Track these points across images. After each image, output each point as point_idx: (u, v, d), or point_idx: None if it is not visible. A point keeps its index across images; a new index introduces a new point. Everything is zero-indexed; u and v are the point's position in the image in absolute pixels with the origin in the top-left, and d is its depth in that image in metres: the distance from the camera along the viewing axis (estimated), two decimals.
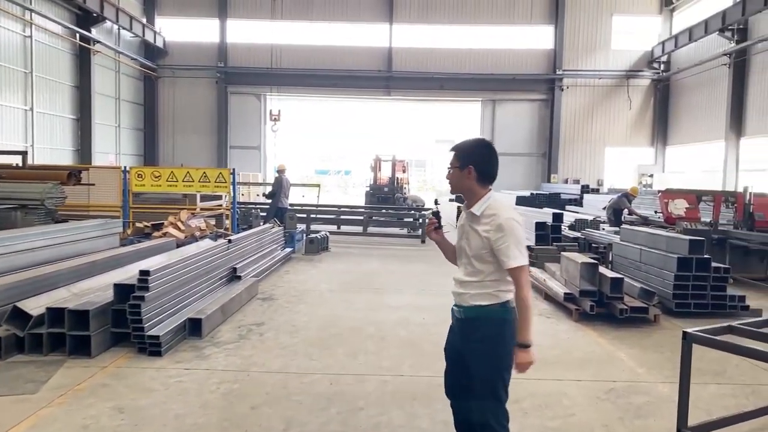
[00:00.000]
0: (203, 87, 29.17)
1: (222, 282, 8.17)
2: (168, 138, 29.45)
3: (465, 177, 3.12)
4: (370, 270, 11.03)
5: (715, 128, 24.52)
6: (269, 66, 27.95)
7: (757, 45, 22.09)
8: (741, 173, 23.33)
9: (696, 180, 26.44)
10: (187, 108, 29.30)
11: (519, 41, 28.63)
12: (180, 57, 28.99)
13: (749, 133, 22.81)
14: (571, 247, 10.37)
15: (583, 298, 7.45)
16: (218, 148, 29.10)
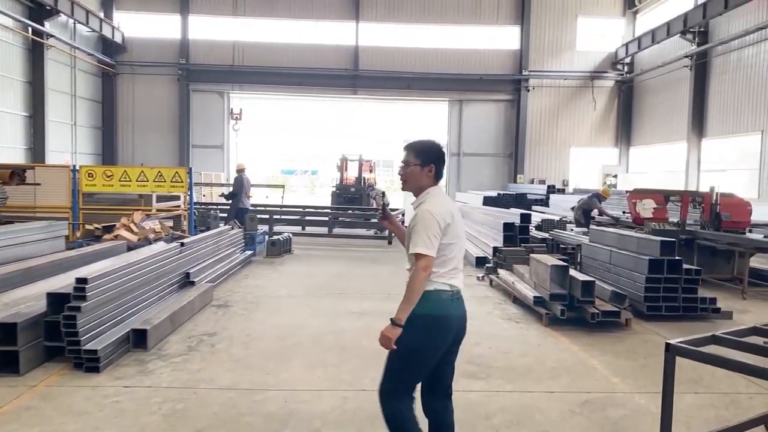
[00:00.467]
0: (164, 84, 28.25)
1: (173, 288, 7.63)
2: (127, 137, 28.44)
3: (425, 175, 3.25)
4: (335, 273, 10.59)
5: (678, 129, 24.76)
6: (232, 63, 27.22)
7: (718, 47, 22.36)
8: (702, 174, 23.63)
9: (658, 180, 26.70)
10: (147, 106, 28.34)
11: (486, 41, 28.50)
12: (140, 53, 28.01)
13: (710, 134, 23.08)
14: (540, 248, 10.10)
15: (553, 302, 7.14)
16: (180, 148, 28.21)
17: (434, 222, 3.06)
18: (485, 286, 9.72)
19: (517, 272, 9.05)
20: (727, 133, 22.12)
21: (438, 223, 3.06)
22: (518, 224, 11.07)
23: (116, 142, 28.28)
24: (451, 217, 3.14)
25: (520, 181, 28.20)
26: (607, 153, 29.13)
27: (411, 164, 3.26)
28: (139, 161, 26.86)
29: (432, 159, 3.25)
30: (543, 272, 7.42)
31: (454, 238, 3.15)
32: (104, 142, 28.06)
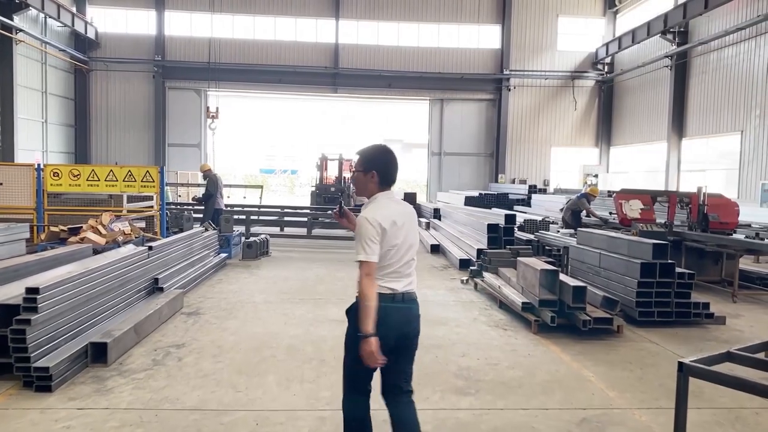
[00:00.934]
0: (139, 81, 27.51)
1: (140, 296, 7.12)
2: (101, 135, 27.64)
3: (369, 181, 3.27)
4: (314, 277, 10.13)
5: (658, 129, 24.74)
6: (210, 60, 26.54)
7: (698, 47, 22.33)
8: (682, 173, 23.60)
9: (638, 180, 26.67)
10: (121, 103, 27.59)
11: (467, 40, 28.25)
12: (114, 49, 27.24)
13: (690, 134, 23.06)
14: (525, 250, 9.75)
15: (543, 309, 6.78)
16: (156, 146, 27.50)
17: (370, 228, 3.08)
18: (470, 290, 9.34)
19: (503, 276, 8.69)
20: (707, 133, 22.09)
21: (374, 228, 3.08)
22: (503, 225, 10.72)
23: (90, 140, 27.48)
24: (392, 223, 3.14)
25: (501, 181, 27.99)
26: (588, 153, 29.04)
27: (356, 171, 3.33)
28: (113, 160, 26.14)
29: (374, 165, 3.26)
30: (532, 277, 7.05)
31: (393, 243, 3.15)
32: (77, 140, 27.25)
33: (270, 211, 16.31)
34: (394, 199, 3.31)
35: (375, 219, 3.10)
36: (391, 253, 3.15)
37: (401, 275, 3.22)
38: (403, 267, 3.23)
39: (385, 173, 3.26)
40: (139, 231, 11.16)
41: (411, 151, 47.67)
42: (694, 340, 6.75)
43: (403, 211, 3.26)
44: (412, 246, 3.28)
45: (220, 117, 24.75)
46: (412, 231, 3.31)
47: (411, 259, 3.28)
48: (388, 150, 3.35)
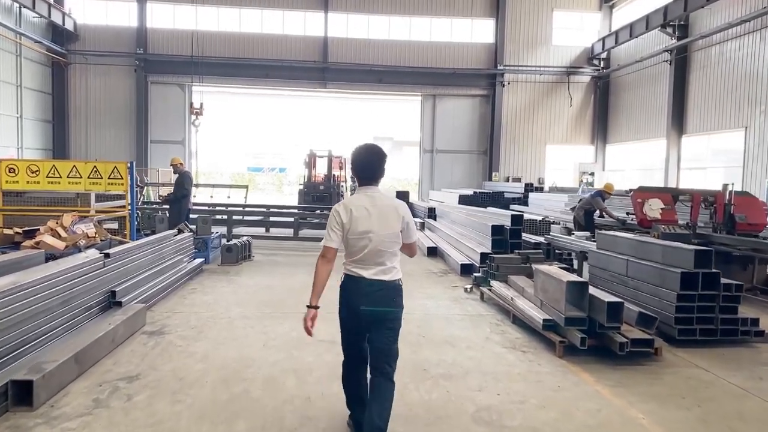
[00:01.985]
0: (120, 75, 26.09)
1: (91, 313, 5.93)
2: (80, 131, 26.20)
3: (355, 178, 3.74)
4: (300, 284, 8.95)
5: (656, 126, 23.78)
6: (194, 54, 25.21)
7: (698, 41, 21.36)
8: (682, 171, 22.66)
9: (635, 178, 25.72)
10: (102, 98, 26.16)
11: (460, 34, 27.13)
12: (94, 42, 25.80)
13: (690, 131, 22.10)
14: (536, 255, 8.64)
15: (569, 328, 5.67)
16: (138, 143, 26.10)
17: (332, 218, 3.55)
18: (475, 300, 8.20)
19: (514, 285, 7.57)
20: (709, 130, 21.13)
21: (335, 218, 3.52)
22: (509, 227, 9.60)
23: (68, 136, 26.03)
24: (348, 213, 3.49)
25: (495, 180, 26.92)
26: (583, 151, 28.04)
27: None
28: (93, 157, 24.71)
29: (353, 164, 3.66)
30: (555, 290, 5.93)
31: (349, 233, 3.50)
32: (55, 136, 25.78)
33: (254, 211, 15.08)
34: (368, 193, 3.57)
35: (338, 212, 3.54)
36: (354, 242, 3.51)
37: (365, 263, 3.53)
38: (362, 254, 3.51)
39: (359, 170, 3.63)
40: (106, 234, 9.93)
41: (402, 150, 46.57)
42: (746, 363, 5.67)
43: (368, 205, 3.51)
44: (377, 239, 3.48)
45: (205, 113, 23.52)
46: (378, 227, 3.49)
47: (376, 251, 3.49)
48: (364, 148, 3.65)
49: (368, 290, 3.55)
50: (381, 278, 3.54)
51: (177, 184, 11.44)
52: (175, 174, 11.62)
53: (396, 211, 3.58)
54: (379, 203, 3.54)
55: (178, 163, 11.62)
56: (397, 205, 3.61)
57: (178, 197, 11.28)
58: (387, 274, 3.56)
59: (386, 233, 3.51)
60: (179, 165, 11.58)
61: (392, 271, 3.58)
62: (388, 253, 3.54)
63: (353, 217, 3.49)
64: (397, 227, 3.55)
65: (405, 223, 3.59)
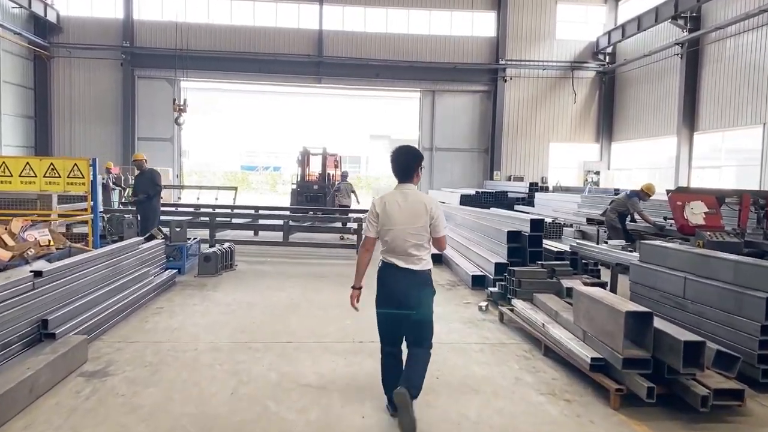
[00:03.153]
0: (106, 69, 24.61)
1: (11, 351, 4.54)
2: (64, 128, 24.72)
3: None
4: (286, 302, 7.56)
5: (666, 123, 22.47)
6: (181, 47, 23.76)
7: (712, 33, 20.04)
8: (694, 170, 21.35)
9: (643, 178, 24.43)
10: (87, 93, 24.69)
11: (460, 28, 25.74)
12: (78, 34, 24.32)
13: (702, 128, 20.78)
14: (563, 268, 7.28)
15: (629, 371, 4.30)
16: (124, 140, 24.63)
17: (370, 212, 4.03)
18: (493, 322, 6.82)
19: (543, 307, 6.20)
20: (723, 127, 19.80)
21: (372, 211, 3.99)
22: (528, 233, 8.22)
23: (51, 133, 24.56)
24: (383, 207, 3.91)
25: (497, 179, 25.58)
26: (588, 149, 26.70)
27: None
28: (78, 155, 23.25)
29: (390, 164, 4.08)
30: (607, 320, 4.56)
31: (383, 225, 3.90)
32: (37, 133, 24.32)
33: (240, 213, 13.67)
34: (402, 191, 3.95)
35: (372, 203, 4.05)
36: (383, 233, 3.91)
37: (393, 253, 3.89)
38: (394, 245, 3.87)
39: (396, 169, 4.05)
40: (64, 241, 8.51)
41: None
42: None
43: (400, 201, 3.89)
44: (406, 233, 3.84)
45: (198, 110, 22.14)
46: (407, 221, 3.84)
47: (405, 242, 3.83)
48: (401, 150, 4.07)
49: (401, 278, 3.85)
50: (411, 267, 3.84)
51: (143, 182, 9.99)
52: (139, 171, 10.18)
53: (425, 206, 3.88)
54: (411, 199, 3.88)
55: (142, 159, 10.18)
56: (426, 201, 3.92)
57: (150, 197, 9.83)
58: (417, 264, 3.86)
59: (414, 227, 3.84)
60: (143, 161, 10.12)
61: (421, 261, 3.88)
62: (416, 245, 3.84)
63: (386, 210, 3.88)
64: (425, 222, 3.84)
65: (433, 218, 3.87)
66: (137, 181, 10.23)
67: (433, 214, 3.87)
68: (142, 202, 9.87)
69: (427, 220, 3.86)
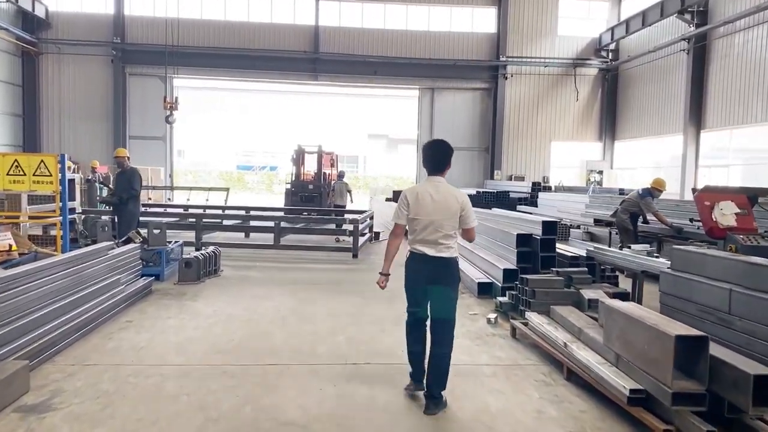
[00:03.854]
0: (96, 66, 23.74)
1: None
2: (53, 126, 23.85)
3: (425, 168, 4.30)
4: (272, 314, 6.73)
5: (671, 121, 21.69)
6: (172, 42, 22.92)
7: (719, 29, 19.26)
8: (700, 169, 20.56)
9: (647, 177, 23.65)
10: (76, 91, 23.82)
11: (460, 24, 24.91)
12: (67, 30, 23.44)
13: (710, 126, 19.99)
14: (581, 275, 6.46)
15: (680, 408, 3.49)
16: (115, 139, 23.74)
17: (402, 200, 4.13)
18: (505, 337, 6.00)
19: (562, 321, 5.39)
20: (731, 124, 19.01)
21: (404, 200, 4.11)
22: (539, 237, 7.41)
23: (40, 131, 23.68)
24: (415, 197, 4.05)
25: (498, 178, 24.77)
26: (590, 148, 25.89)
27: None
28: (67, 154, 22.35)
29: (422, 157, 4.29)
30: (650, 345, 3.75)
31: (414, 215, 4.04)
32: (25, 131, 23.44)
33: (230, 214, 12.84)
34: (433, 183, 4.10)
35: (404, 192, 4.17)
36: (414, 222, 4.06)
37: (423, 241, 4.03)
38: (426, 234, 4.02)
39: (428, 162, 4.20)
40: (30, 245, 7.69)
41: (397, 148, 44.41)
42: None
43: (432, 192, 4.04)
44: (437, 222, 4.00)
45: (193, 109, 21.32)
46: (439, 211, 4.01)
47: (436, 231, 3.99)
48: (431, 144, 4.26)
49: (430, 266, 4.03)
50: (441, 255, 4.03)
51: (122, 181, 9.14)
52: (119, 169, 9.34)
53: (456, 199, 4.07)
54: (442, 191, 4.06)
55: (123, 156, 9.33)
56: (456, 194, 4.10)
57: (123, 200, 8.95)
58: (445, 252, 4.04)
59: (444, 217, 4.02)
60: (125, 159, 9.28)
61: (449, 249, 4.06)
62: (446, 235, 4.03)
63: (418, 200, 4.05)
64: (456, 213, 4.04)
65: (464, 210, 4.07)
66: (117, 179, 9.39)
67: (464, 206, 4.07)
68: (116, 205, 9.02)
69: (458, 211, 4.04)
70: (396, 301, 7.36)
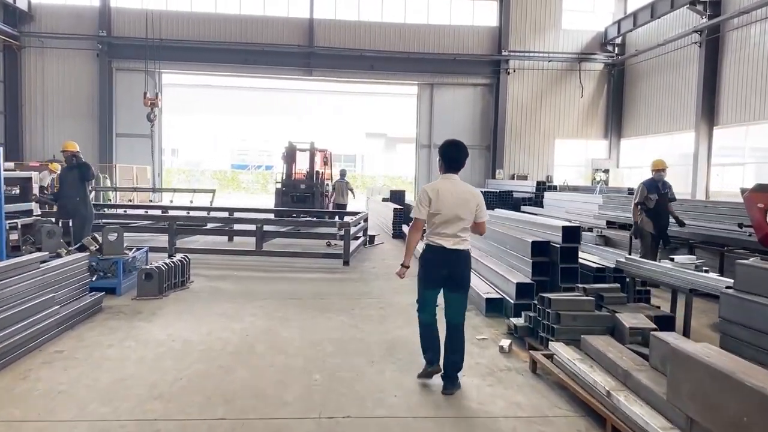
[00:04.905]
0: (81, 61, 22.56)
1: None
2: (36, 123, 22.66)
3: (439, 166, 4.45)
4: (237, 340, 5.49)
5: (682, 117, 20.49)
6: (164, 37, 21.73)
7: (734, 20, 18.04)
8: (713, 168, 19.34)
9: None
10: (61, 86, 22.63)
11: (460, 17, 23.74)
12: (50, 23, 22.26)
13: (723, 122, 18.78)
14: (612, 294, 5.25)
15: None
16: (101, 137, 22.56)
17: (423, 196, 4.28)
18: (522, 372, 4.77)
19: (597, 356, 4.17)
20: (747, 120, 17.80)
21: (425, 196, 4.25)
22: (560, 245, 6.20)
23: (22, 129, 22.51)
24: (436, 194, 4.21)
25: (499, 177, 23.58)
26: (595, 146, 24.71)
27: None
28: (50, 152, 21.26)
29: (440, 154, 4.44)
30: (756, 416, 2.53)
31: (435, 210, 4.19)
32: (7, 129, 22.26)
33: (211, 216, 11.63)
34: (450, 180, 4.30)
35: (425, 190, 4.28)
36: (434, 217, 4.22)
37: (443, 235, 4.21)
38: (445, 228, 4.20)
39: (446, 161, 4.35)
40: None
41: (395, 147, 43.22)
42: None
43: (451, 189, 4.23)
44: (457, 217, 4.19)
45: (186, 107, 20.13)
46: (458, 207, 4.19)
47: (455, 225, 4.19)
48: (450, 143, 4.43)
49: (447, 257, 4.21)
50: (457, 248, 4.21)
51: (70, 179, 7.91)
52: (68, 164, 8.10)
53: (472, 195, 4.30)
54: (460, 188, 4.27)
55: (72, 149, 8.08)
56: (473, 190, 4.36)
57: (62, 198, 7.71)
58: (461, 245, 4.23)
59: (462, 212, 4.20)
60: (75, 153, 8.03)
61: (465, 242, 4.26)
62: (463, 228, 4.23)
63: (440, 197, 4.20)
64: (473, 208, 4.25)
65: (479, 205, 4.29)
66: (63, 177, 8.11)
67: (478, 201, 4.29)
68: (52, 204, 7.77)
69: (475, 206, 4.25)
70: (388, 321, 6.16)
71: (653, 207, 7.83)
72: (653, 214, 7.81)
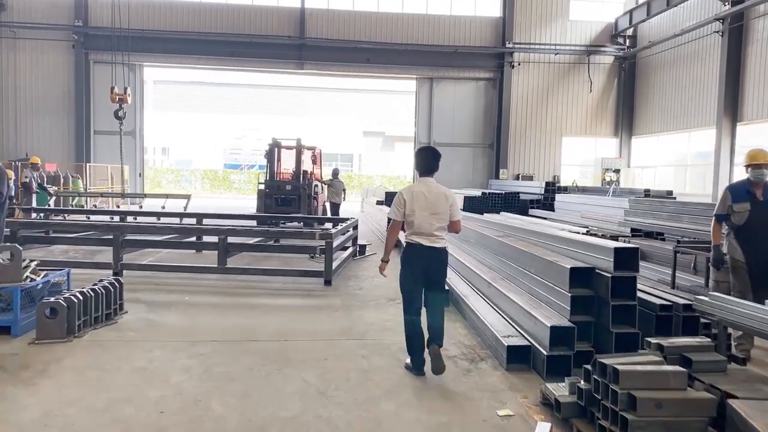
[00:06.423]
0: (56, 52, 20.77)
1: None
2: (8, 119, 20.86)
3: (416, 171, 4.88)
4: (144, 424, 3.66)
5: (701, 113, 18.70)
6: (145, 27, 19.89)
7: (759, 6, 16.25)
8: (736, 167, 17.53)
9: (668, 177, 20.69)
10: (34, 80, 20.86)
11: (461, 7, 21.97)
12: (23, 12, 20.50)
13: (747, 118, 16.97)
14: (707, 357, 3.42)
15: None
16: (77, 134, 20.78)
17: (398, 199, 4.52)
18: None
19: None
20: None
21: (400, 199, 4.50)
22: (611, 275, 4.37)
23: None
24: (411, 196, 4.47)
25: (503, 177, 21.78)
26: (605, 144, 22.92)
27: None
28: (23, 151, 19.51)
29: (415, 161, 4.97)
30: None
31: (410, 211, 4.43)
32: None
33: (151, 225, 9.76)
34: (425, 183, 4.55)
35: (401, 192, 4.56)
36: (411, 217, 4.44)
37: (420, 234, 4.44)
38: (421, 227, 4.43)
39: (420, 166, 4.66)
40: None
41: (393, 146, 41.48)
42: None
43: (425, 191, 4.47)
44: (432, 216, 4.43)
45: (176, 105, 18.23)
46: (432, 207, 4.44)
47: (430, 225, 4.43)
48: (424, 149, 4.77)
49: (425, 254, 4.44)
50: (434, 245, 4.45)
51: None
52: None
53: (445, 196, 4.53)
54: (434, 190, 4.50)
55: None
56: (445, 191, 4.56)
57: None
58: (438, 243, 4.48)
59: (437, 212, 4.45)
60: None
61: (441, 240, 4.50)
62: (439, 227, 4.46)
63: (414, 199, 4.45)
64: (446, 208, 4.48)
65: (452, 205, 4.53)
66: None
67: (451, 202, 4.54)
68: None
69: (448, 207, 4.49)
70: (371, 384, 4.28)
71: (743, 223, 5.02)
72: (743, 234, 5.04)
